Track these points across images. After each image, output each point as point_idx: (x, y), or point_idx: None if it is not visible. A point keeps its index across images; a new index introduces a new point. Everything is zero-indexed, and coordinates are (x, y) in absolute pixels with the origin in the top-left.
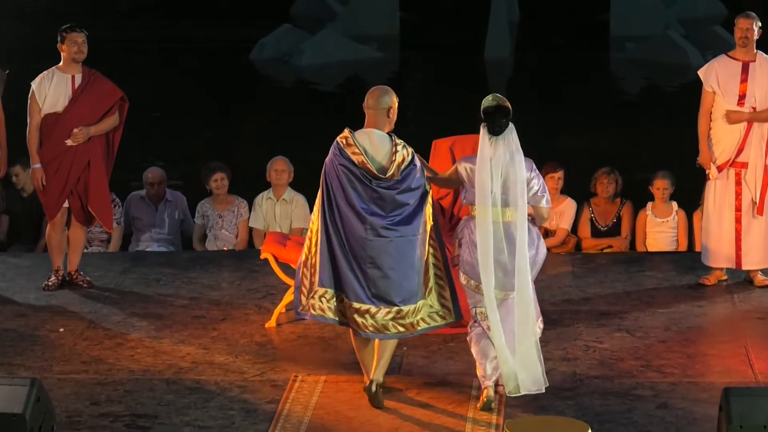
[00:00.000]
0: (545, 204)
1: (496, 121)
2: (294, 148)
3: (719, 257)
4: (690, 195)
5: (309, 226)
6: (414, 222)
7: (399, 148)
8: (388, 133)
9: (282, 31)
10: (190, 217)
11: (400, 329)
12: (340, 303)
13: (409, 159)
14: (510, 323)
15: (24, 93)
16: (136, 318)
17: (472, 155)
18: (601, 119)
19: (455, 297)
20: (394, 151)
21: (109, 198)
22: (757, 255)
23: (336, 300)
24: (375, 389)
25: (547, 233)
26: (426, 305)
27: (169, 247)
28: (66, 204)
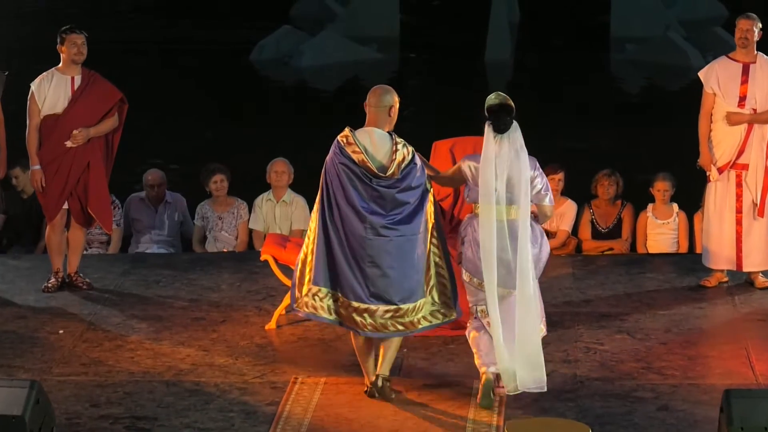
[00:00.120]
0: (548, 202)
1: (500, 119)
2: (294, 149)
3: (720, 259)
4: (691, 197)
5: (308, 225)
6: (414, 221)
7: (399, 146)
8: (388, 132)
9: (282, 33)
10: (189, 219)
11: (399, 327)
12: (335, 302)
13: (410, 158)
14: (511, 321)
15: (23, 94)
16: (135, 320)
17: (475, 154)
18: (602, 120)
19: (456, 294)
20: (394, 150)
21: (109, 199)
22: (758, 257)
23: (331, 299)
24: (382, 383)
25: (548, 235)
26: (427, 303)
27: (169, 249)
28: (65, 205)
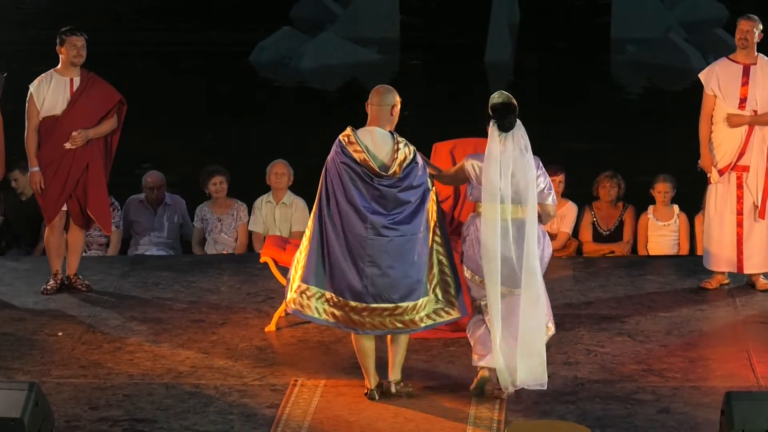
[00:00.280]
0: (551, 202)
1: (505, 118)
2: (294, 151)
3: (721, 261)
4: (691, 198)
5: (308, 223)
6: (415, 220)
7: (401, 146)
8: (390, 132)
9: (282, 34)
10: (189, 221)
11: (398, 325)
12: (326, 302)
13: (411, 157)
14: (513, 319)
15: (22, 95)
16: (135, 322)
17: (478, 153)
18: (602, 122)
19: (460, 292)
20: (396, 149)
21: (108, 201)
22: (759, 258)
23: (320, 299)
24: (395, 389)
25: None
26: (430, 301)
27: (169, 251)
28: (64, 207)
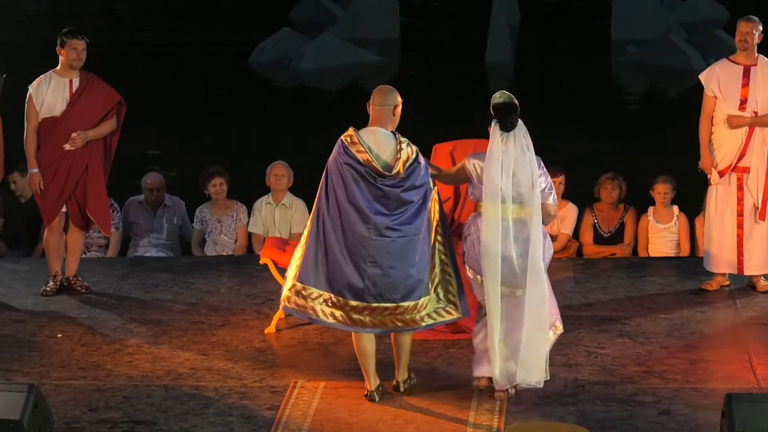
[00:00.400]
0: (552, 201)
1: (507, 118)
2: (293, 152)
3: (721, 262)
4: (692, 200)
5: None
6: (417, 221)
7: (404, 145)
8: (392, 132)
9: (281, 35)
10: (188, 222)
11: (398, 324)
12: (324, 302)
13: (414, 156)
14: (515, 319)
15: (22, 97)
16: (134, 324)
17: (480, 152)
18: (602, 123)
19: (462, 292)
20: (398, 149)
21: (107, 202)
22: (759, 260)
23: (320, 299)
24: (403, 388)
25: None
26: (432, 301)
27: (168, 253)
28: (64, 209)
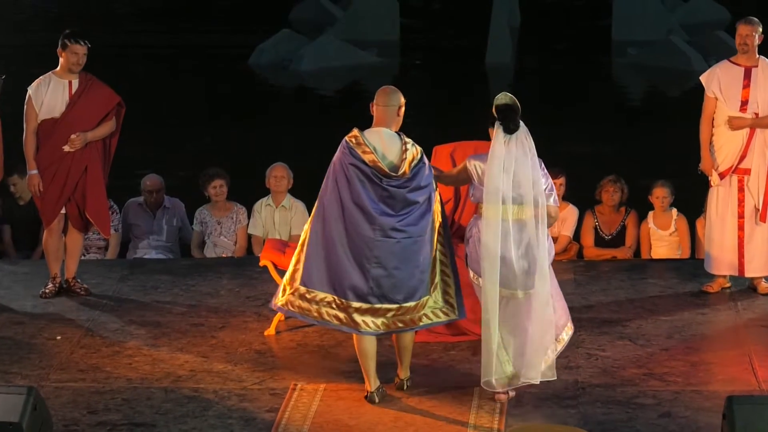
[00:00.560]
0: (553, 203)
1: (511, 120)
2: (293, 154)
3: (722, 264)
4: (693, 202)
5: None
6: (421, 222)
7: (409, 146)
8: (396, 132)
9: (281, 37)
10: (188, 224)
11: (399, 325)
12: (327, 305)
13: (419, 157)
14: (518, 323)
15: (21, 98)
16: (134, 326)
17: (481, 153)
18: (603, 125)
19: (460, 294)
20: (404, 149)
21: (107, 204)
22: (760, 262)
23: (324, 302)
24: (406, 386)
25: None
26: (430, 300)
27: (168, 255)
28: (63, 210)
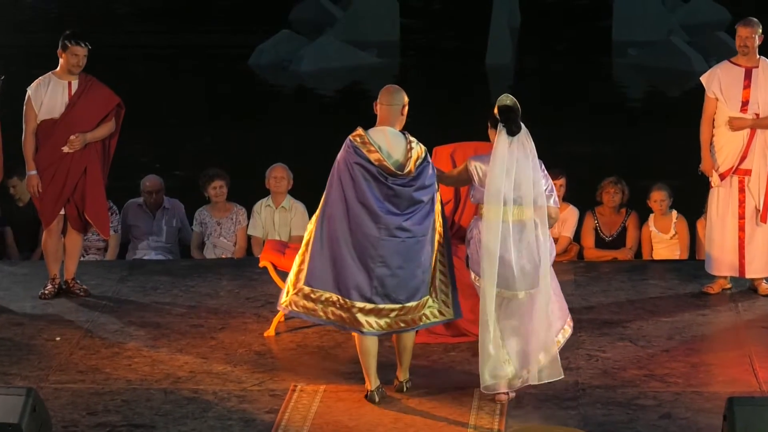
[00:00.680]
0: (553, 204)
1: (514, 121)
2: (293, 155)
3: (723, 265)
4: (694, 203)
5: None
6: (425, 222)
7: (413, 144)
8: (401, 131)
9: (281, 37)
10: (188, 225)
11: (401, 325)
12: (331, 304)
13: (423, 155)
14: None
15: (20, 99)
16: (133, 327)
17: (482, 154)
18: (603, 125)
19: (456, 294)
20: (409, 148)
21: (106, 205)
22: (761, 263)
23: (328, 301)
24: (405, 388)
25: None
26: (430, 300)
27: (167, 255)
28: (62, 211)
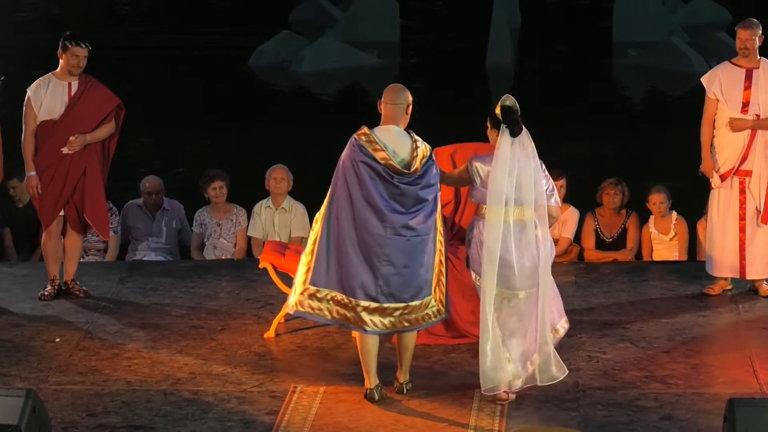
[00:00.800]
0: (554, 203)
1: (517, 123)
2: (293, 155)
3: (723, 267)
4: (694, 204)
5: (313, 225)
6: (429, 221)
7: (419, 143)
8: (405, 130)
9: (281, 38)
10: (187, 226)
11: (405, 324)
12: (335, 303)
13: (428, 154)
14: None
15: (20, 99)
16: (133, 328)
17: (483, 155)
18: (604, 126)
19: (448, 294)
20: (415, 147)
21: (105, 206)
22: (762, 264)
23: (332, 301)
24: (405, 390)
25: None
26: (432, 300)
27: (167, 257)
28: (62, 212)
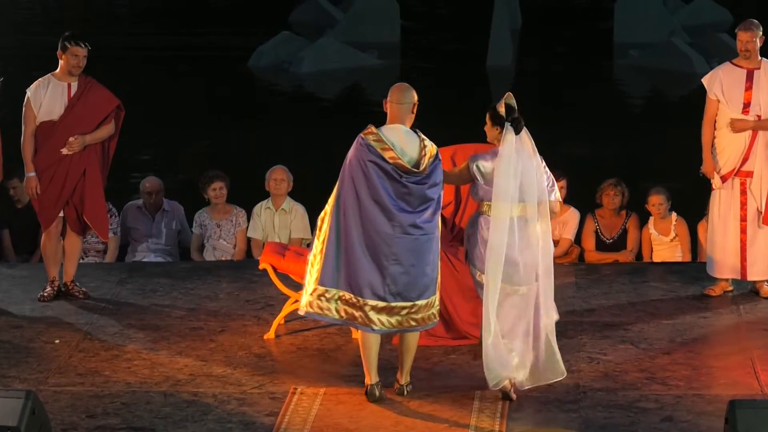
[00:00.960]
0: (554, 198)
1: (519, 120)
2: (293, 156)
3: (724, 268)
4: (695, 205)
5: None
6: (434, 219)
7: (426, 142)
8: (412, 129)
9: (281, 39)
10: (187, 227)
11: (412, 323)
12: (343, 302)
13: (435, 153)
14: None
15: (20, 100)
16: (132, 329)
17: (483, 153)
18: (605, 127)
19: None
20: (423, 146)
21: (105, 207)
22: (763, 265)
23: (338, 300)
24: (406, 391)
25: None
26: (436, 299)
27: (167, 258)
28: (61, 213)
